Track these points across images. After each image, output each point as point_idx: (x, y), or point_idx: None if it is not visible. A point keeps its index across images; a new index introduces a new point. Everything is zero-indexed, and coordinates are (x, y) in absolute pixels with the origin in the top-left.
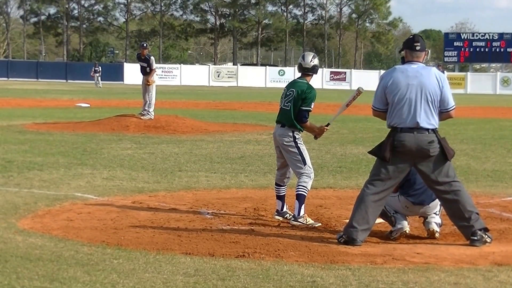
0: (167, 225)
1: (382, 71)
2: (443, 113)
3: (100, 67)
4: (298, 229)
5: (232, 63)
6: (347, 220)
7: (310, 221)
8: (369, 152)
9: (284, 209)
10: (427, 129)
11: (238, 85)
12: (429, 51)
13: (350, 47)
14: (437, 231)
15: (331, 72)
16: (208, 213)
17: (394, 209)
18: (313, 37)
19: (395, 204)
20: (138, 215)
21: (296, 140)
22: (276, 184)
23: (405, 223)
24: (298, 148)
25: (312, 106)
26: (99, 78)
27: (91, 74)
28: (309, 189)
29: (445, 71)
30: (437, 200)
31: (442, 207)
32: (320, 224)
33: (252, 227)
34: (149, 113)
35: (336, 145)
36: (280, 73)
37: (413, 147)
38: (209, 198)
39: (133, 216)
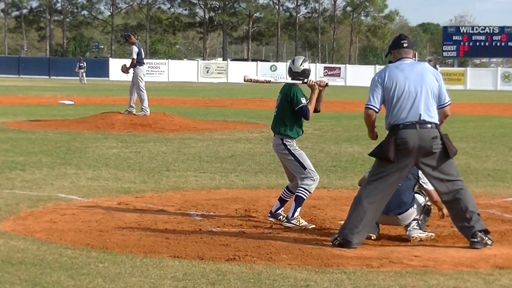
0: (154, 227)
1: (378, 66)
2: (439, 110)
3: (85, 63)
4: (291, 231)
5: (222, 58)
6: (342, 222)
7: (303, 222)
8: (370, 154)
9: (279, 211)
10: (430, 123)
11: (228, 81)
12: (416, 53)
13: (345, 41)
14: (418, 237)
15: (325, 68)
16: (197, 214)
17: None
18: (306, 31)
19: None
20: (124, 217)
21: (288, 147)
22: (287, 188)
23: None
24: (293, 155)
25: (303, 101)
26: (84, 74)
27: (76, 70)
28: (311, 192)
29: (437, 66)
30: (410, 210)
31: (422, 215)
32: (314, 226)
33: (243, 229)
34: (144, 109)
35: (330, 144)
36: (272, 69)
37: (416, 144)
38: (198, 199)
39: (119, 217)
